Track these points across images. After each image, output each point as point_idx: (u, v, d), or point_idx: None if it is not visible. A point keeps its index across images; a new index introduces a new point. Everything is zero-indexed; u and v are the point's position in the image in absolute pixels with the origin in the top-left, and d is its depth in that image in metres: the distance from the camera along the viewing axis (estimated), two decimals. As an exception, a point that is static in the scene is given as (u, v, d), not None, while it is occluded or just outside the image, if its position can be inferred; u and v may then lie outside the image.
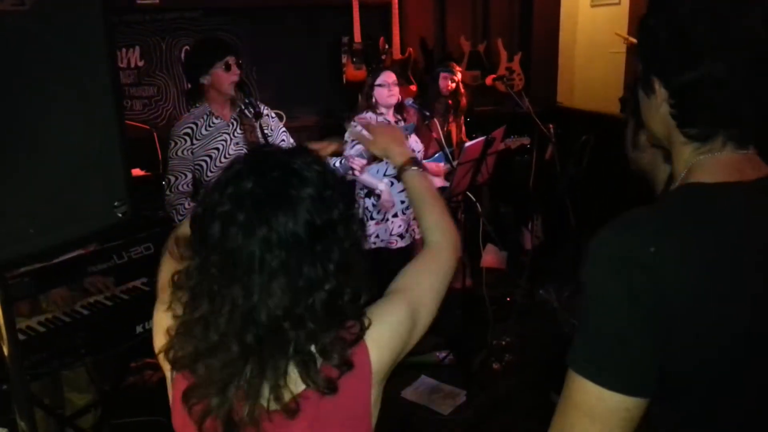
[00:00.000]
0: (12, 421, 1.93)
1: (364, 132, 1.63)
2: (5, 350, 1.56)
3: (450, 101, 4.25)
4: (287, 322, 1.00)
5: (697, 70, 0.92)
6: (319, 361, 1.03)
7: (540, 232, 5.01)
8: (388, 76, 3.51)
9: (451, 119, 4.30)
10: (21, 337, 2.06)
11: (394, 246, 3.61)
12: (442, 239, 1.35)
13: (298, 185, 1.02)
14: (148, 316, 2.34)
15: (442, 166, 4.00)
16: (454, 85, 4.23)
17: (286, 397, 1.02)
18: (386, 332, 1.12)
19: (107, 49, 1.46)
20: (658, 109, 1.00)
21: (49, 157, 1.36)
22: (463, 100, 4.31)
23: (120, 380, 2.91)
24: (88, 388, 2.90)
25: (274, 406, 1.02)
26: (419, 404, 3.33)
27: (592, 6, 6.04)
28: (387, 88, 3.49)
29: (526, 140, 4.36)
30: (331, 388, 1.03)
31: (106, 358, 2.55)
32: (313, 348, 1.03)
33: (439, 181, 3.93)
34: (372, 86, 3.52)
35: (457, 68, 4.33)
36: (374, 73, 3.62)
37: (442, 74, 4.25)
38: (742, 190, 0.95)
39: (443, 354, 3.74)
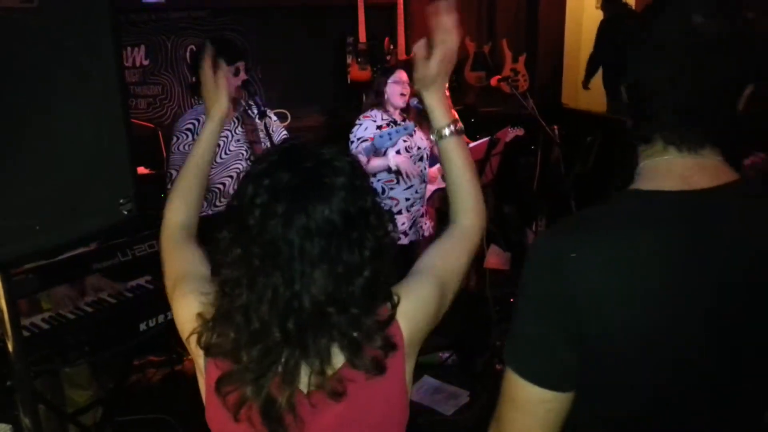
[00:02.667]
0: (15, 417, 1.94)
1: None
2: (10, 347, 1.56)
3: None
4: (332, 307, 1.02)
5: (631, 77, 0.98)
6: (363, 343, 1.05)
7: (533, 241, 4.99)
8: (402, 75, 3.51)
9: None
10: (25, 333, 2.06)
11: (399, 242, 3.60)
12: (475, 223, 1.33)
13: (332, 174, 1.04)
14: (153, 313, 2.39)
15: (435, 169, 3.99)
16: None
17: (331, 381, 1.04)
18: (415, 306, 1.15)
19: (114, 47, 1.46)
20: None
21: (55, 154, 1.36)
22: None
23: (123, 378, 2.92)
24: (89, 386, 2.91)
25: (315, 389, 1.05)
26: (422, 405, 3.32)
27: (598, 7, 6.04)
28: (401, 86, 3.48)
29: (519, 131, 4.34)
30: (378, 368, 1.06)
31: (110, 356, 2.55)
32: (356, 333, 1.05)
33: (436, 184, 3.94)
34: (386, 83, 3.51)
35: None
36: (387, 71, 3.61)
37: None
38: (675, 200, 0.95)
39: (446, 354, 3.74)
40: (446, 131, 1.32)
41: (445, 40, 1.29)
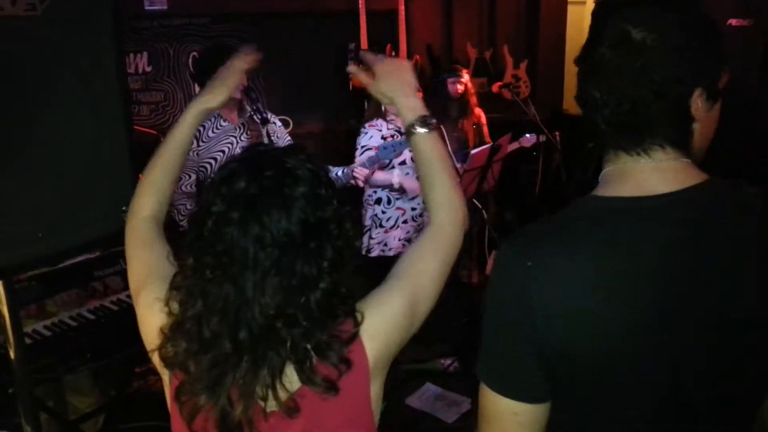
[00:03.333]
0: (17, 425, 1.94)
1: (364, 71, 1.39)
2: (12, 354, 1.57)
3: (460, 104, 4.31)
4: (280, 321, 1.00)
5: (578, 96, 1.00)
6: (315, 359, 1.03)
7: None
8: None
9: (463, 121, 4.35)
10: (27, 341, 2.06)
11: (401, 251, 3.59)
12: (448, 217, 1.26)
13: (292, 184, 1.02)
14: (154, 321, 2.38)
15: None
16: (462, 88, 4.27)
17: (283, 396, 1.02)
18: (381, 323, 1.11)
19: (116, 55, 1.47)
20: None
21: (57, 161, 1.37)
22: (473, 99, 4.35)
23: (125, 385, 2.92)
24: (91, 392, 2.91)
25: (271, 405, 1.02)
26: (424, 412, 3.31)
27: (599, 14, 6.05)
28: None
29: (535, 137, 4.35)
30: (330, 388, 1.03)
31: (112, 363, 2.55)
32: (308, 346, 1.02)
33: None
34: None
35: (464, 71, 4.36)
36: None
37: (449, 80, 4.28)
38: (630, 207, 0.95)
39: (448, 361, 3.73)
40: (416, 127, 1.29)
41: (375, 62, 1.36)
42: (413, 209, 3.55)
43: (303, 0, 4.87)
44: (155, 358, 1.11)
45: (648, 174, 0.96)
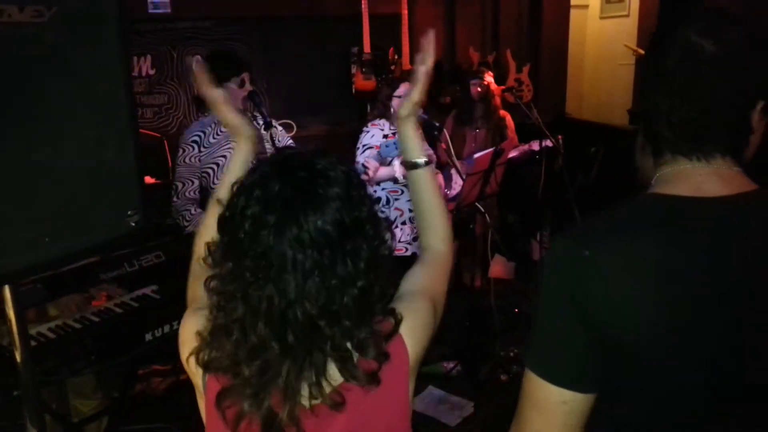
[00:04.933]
0: (21, 426, 1.95)
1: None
2: (18, 357, 1.57)
3: (484, 105, 4.42)
4: (323, 320, 1.01)
5: (642, 102, 1.05)
6: (356, 356, 1.05)
7: (549, 243, 4.99)
8: (407, 87, 3.51)
9: (484, 123, 4.42)
10: (32, 343, 2.07)
11: (401, 254, 3.60)
12: (449, 249, 1.39)
13: (325, 185, 1.03)
14: (158, 323, 2.40)
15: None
16: (481, 89, 4.33)
17: (328, 390, 1.04)
18: (417, 322, 1.16)
19: (122, 60, 1.48)
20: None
21: (63, 165, 1.38)
22: (496, 100, 4.44)
23: (128, 387, 2.93)
24: (93, 395, 2.91)
25: (316, 401, 1.04)
26: (426, 415, 3.31)
27: (601, 18, 6.06)
28: None
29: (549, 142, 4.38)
30: (373, 380, 1.05)
31: (116, 366, 2.56)
32: (349, 345, 1.04)
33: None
34: (391, 97, 3.52)
35: (487, 72, 4.42)
36: (392, 83, 3.62)
37: (471, 82, 4.36)
38: (688, 204, 0.98)
39: (451, 365, 3.73)
40: (420, 161, 1.38)
41: (422, 88, 1.40)
42: (411, 210, 3.56)
43: (306, 4, 4.88)
44: (190, 363, 1.11)
45: (705, 177, 1.00)
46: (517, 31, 5.72)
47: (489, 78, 4.42)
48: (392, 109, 3.51)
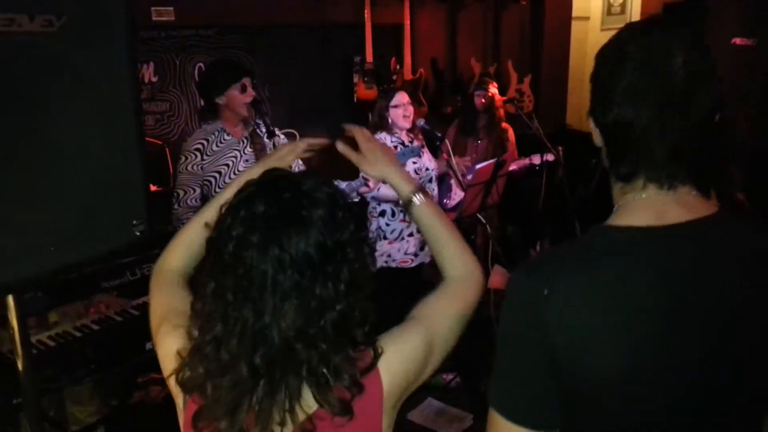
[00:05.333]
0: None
1: (353, 151, 1.44)
2: (19, 366, 1.56)
3: (487, 116, 4.44)
4: (300, 343, 1.01)
5: (609, 115, 0.97)
6: (331, 382, 1.03)
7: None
8: (402, 97, 3.52)
9: (486, 134, 4.46)
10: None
11: (406, 266, 3.60)
12: (463, 273, 1.32)
13: (310, 206, 1.03)
14: (158, 332, 2.38)
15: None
16: (485, 100, 4.35)
17: (301, 417, 1.03)
18: (398, 358, 1.12)
19: (130, 70, 1.48)
20: (600, 145, 1.04)
21: (71, 174, 1.38)
22: (500, 112, 4.46)
23: (127, 396, 2.91)
24: (90, 402, 2.90)
25: (289, 428, 1.03)
26: (426, 427, 3.30)
27: (602, 29, 6.09)
28: (402, 109, 3.50)
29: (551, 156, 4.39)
30: (345, 410, 1.03)
31: (115, 374, 2.55)
32: (324, 369, 1.03)
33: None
34: (387, 107, 3.53)
35: (491, 84, 4.44)
36: (387, 94, 3.63)
37: (476, 93, 4.39)
38: (648, 235, 0.96)
39: (450, 376, 3.73)
40: (415, 198, 1.35)
41: (361, 142, 1.43)
42: None
43: (309, 13, 4.90)
44: (171, 383, 1.11)
45: (668, 205, 0.97)
46: (519, 42, 5.75)
47: (493, 89, 4.45)
48: (388, 120, 3.53)
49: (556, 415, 0.97)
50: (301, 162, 3.22)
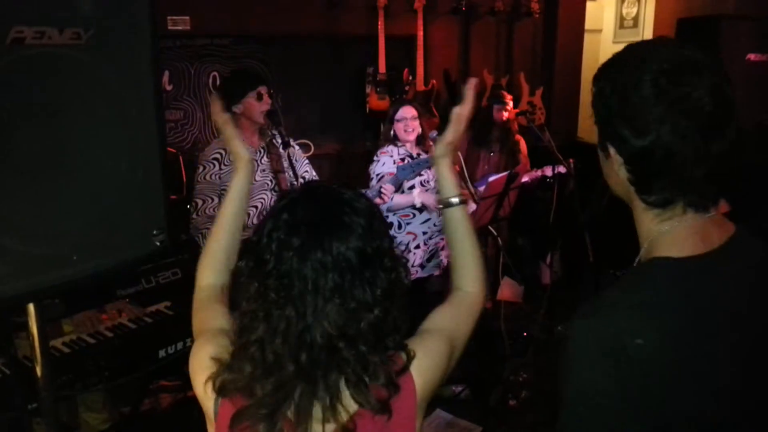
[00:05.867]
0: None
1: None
2: (38, 372, 1.58)
3: (502, 130, 4.48)
4: (342, 341, 1.03)
5: (645, 139, 0.93)
6: (368, 381, 1.06)
7: (558, 267, 4.99)
8: (407, 111, 3.51)
9: (502, 147, 4.50)
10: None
11: (414, 276, 3.60)
12: (479, 290, 1.38)
13: (351, 213, 1.07)
14: (172, 340, 2.40)
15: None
16: (507, 114, 4.40)
17: (343, 416, 1.05)
18: (429, 362, 1.16)
19: (154, 82, 1.50)
20: (617, 172, 1.00)
21: (94, 185, 1.39)
22: (513, 125, 4.53)
23: (139, 403, 2.92)
24: (103, 409, 2.91)
25: (330, 427, 1.05)
26: (435, 438, 3.30)
27: (614, 42, 6.09)
28: (404, 123, 3.49)
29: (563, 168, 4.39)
30: (384, 408, 1.06)
31: (128, 381, 2.56)
32: (362, 369, 1.06)
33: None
34: (392, 120, 3.55)
35: (508, 96, 4.47)
36: (394, 105, 3.64)
37: (495, 107, 4.41)
38: (711, 263, 0.95)
39: (459, 388, 3.71)
40: (455, 200, 1.40)
41: (458, 129, 1.45)
42: (424, 233, 3.57)
43: (323, 23, 4.93)
44: (200, 388, 1.13)
45: (707, 229, 0.97)
46: (531, 54, 5.75)
47: (510, 102, 4.48)
48: (392, 133, 3.53)
49: None
50: (307, 161, 3.24)
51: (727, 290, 0.95)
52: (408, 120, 3.48)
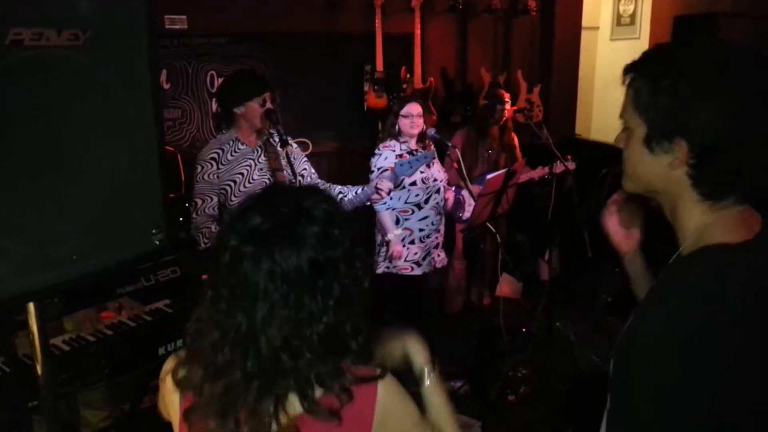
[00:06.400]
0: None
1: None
2: (39, 370, 1.59)
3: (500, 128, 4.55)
4: (285, 353, 1.05)
5: (726, 134, 0.97)
6: (319, 390, 1.08)
7: (557, 264, 5.00)
8: (414, 108, 3.57)
9: (498, 145, 4.54)
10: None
11: (408, 273, 3.62)
12: None
13: (305, 223, 1.08)
14: (171, 338, 2.41)
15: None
16: (506, 113, 4.50)
17: (284, 421, 1.07)
18: (400, 400, 1.16)
19: (152, 81, 1.51)
20: (671, 168, 1.02)
21: (93, 186, 1.40)
22: (510, 124, 4.61)
23: (138, 400, 2.93)
24: (104, 406, 2.93)
25: (274, 429, 1.07)
26: (434, 434, 3.31)
27: (612, 40, 6.10)
28: (410, 120, 3.55)
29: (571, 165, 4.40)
30: (333, 415, 1.07)
31: (128, 379, 2.57)
32: (310, 377, 1.07)
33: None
34: (397, 115, 3.58)
35: (506, 95, 4.52)
36: (400, 102, 3.67)
37: (498, 108, 4.47)
38: (759, 246, 1.00)
39: (459, 383, 3.73)
40: (427, 380, 1.32)
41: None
42: (421, 230, 3.59)
43: (320, 22, 4.93)
44: (167, 380, 1.18)
45: (748, 218, 1.03)
46: (529, 51, 5.76)
47: (508, 101, 4.50)
48: (396, 128, 3.57)
49: None
50: (305, 158, 3.26)
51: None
52: (414, 117, 3.55)
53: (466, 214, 4.04)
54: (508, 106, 4.49)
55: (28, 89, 1.26)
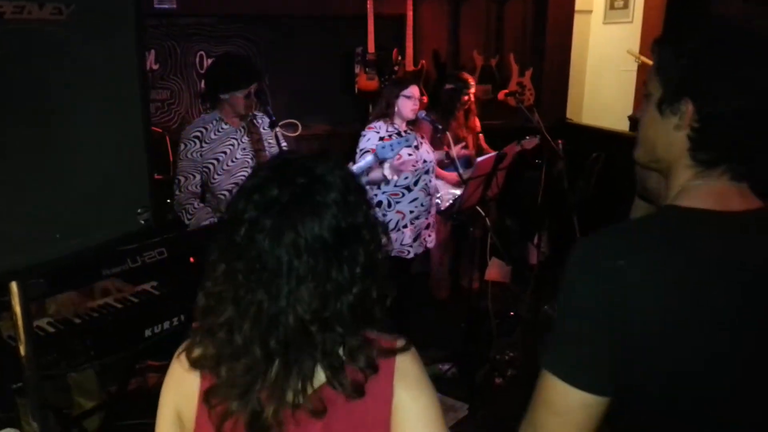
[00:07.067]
0: (10, 418, 1.95)
1: None
2: (22, 351, 1.57)
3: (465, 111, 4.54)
4: (315, 326, 1.01)
5: (736, 102, 0.98)
6: (345, 362, 1.05)
7: (546, 248, 5.02)
8: (415, 90, 3.55)
9: (464, 128, 4.52)
10: (33, 337, 2.07)
11: (405, 256, 3.62)
12: None
13: (323, 190, 1.03)
14: (158, 320, 2.40)
15: (455, 175, 4.04)
16: (472, 97, 4.49)
17: (312, 397, 1.05)
18: (420, 374, 1.14)
19: (138, 59, 1.48)
20: (676, 130, 1.04)
21: (78, 163, 1.38)
22: (473, 107, 4.60)
23: (126, 383, 2.92)
24: (98, 394, 2.92)
25: (299, 406, 1.05)
26: (422, 417, 3.32)
27: (605, 23, 6.08)
28: (412, 101, 3.52)
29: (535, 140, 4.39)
30: (358, 391, 1.05)
31: (115, 361, 2.55)
32: (340, 351, 1.05)
33: (451, 190, 4.05)
34: (398, 95, 3.54)
35: (471, 79, 4.48)
36: (400, 83, 3.63)
37: (465, 91, 4.43)
38: (721, 219, 1.00)
39: (446, 367, 3.75)
40: None
41: None
42: (411, 212, 3.58)
43: (311, 2, 4.88)
44: (182, 359, 1.12)
45: (731, 194, 1.02)
46: (521, 35, 5.72)
47: (473, 84, 4.51)
48: (395, 108, 3.53)
49: (613, 379, 1.00)
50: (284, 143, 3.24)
51: (733, 250, 0.99)
52: (416, 99, 3.53)
53: (444, 204, 4.05)
54: (472, 90, 4.46)
55: (10, 66, 1.23)
